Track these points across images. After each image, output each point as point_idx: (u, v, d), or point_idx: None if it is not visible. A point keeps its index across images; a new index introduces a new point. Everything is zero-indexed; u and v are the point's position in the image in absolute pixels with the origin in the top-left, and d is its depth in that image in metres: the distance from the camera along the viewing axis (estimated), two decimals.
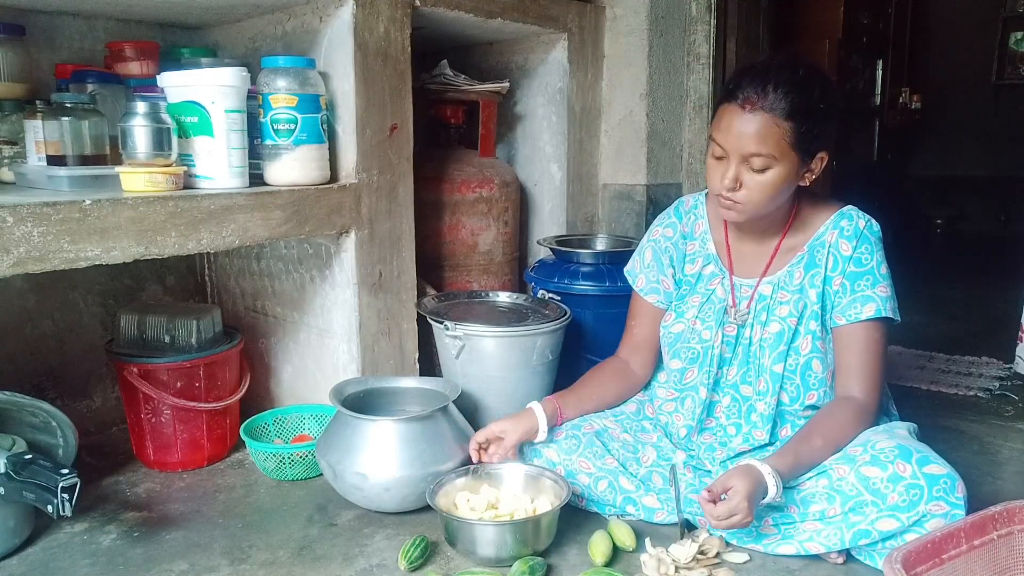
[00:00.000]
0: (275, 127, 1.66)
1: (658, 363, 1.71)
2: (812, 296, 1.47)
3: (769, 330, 1.49)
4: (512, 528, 1.38)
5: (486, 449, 1.55)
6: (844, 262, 1.45)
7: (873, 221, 1.49)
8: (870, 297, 1.43)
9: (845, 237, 1.46)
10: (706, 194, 1.64)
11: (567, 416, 1.59)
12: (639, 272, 1.67)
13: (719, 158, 1.40)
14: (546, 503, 1.46)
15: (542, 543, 1.42)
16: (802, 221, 1.51)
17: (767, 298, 1.51)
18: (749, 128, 1.33)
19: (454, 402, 1.68)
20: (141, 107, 1.47)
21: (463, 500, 1.48)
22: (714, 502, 1.29)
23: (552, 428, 1.57)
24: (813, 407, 1.49)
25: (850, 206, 1.50)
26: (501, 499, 1.49)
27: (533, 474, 1.53)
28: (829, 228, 1.48)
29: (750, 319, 1.52)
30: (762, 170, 1.36)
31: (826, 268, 1.47)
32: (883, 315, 1.43)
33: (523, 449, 1.62)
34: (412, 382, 1.83)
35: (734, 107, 1.36)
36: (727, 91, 1.39)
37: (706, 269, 1.59)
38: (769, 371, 1.48)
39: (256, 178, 1.70)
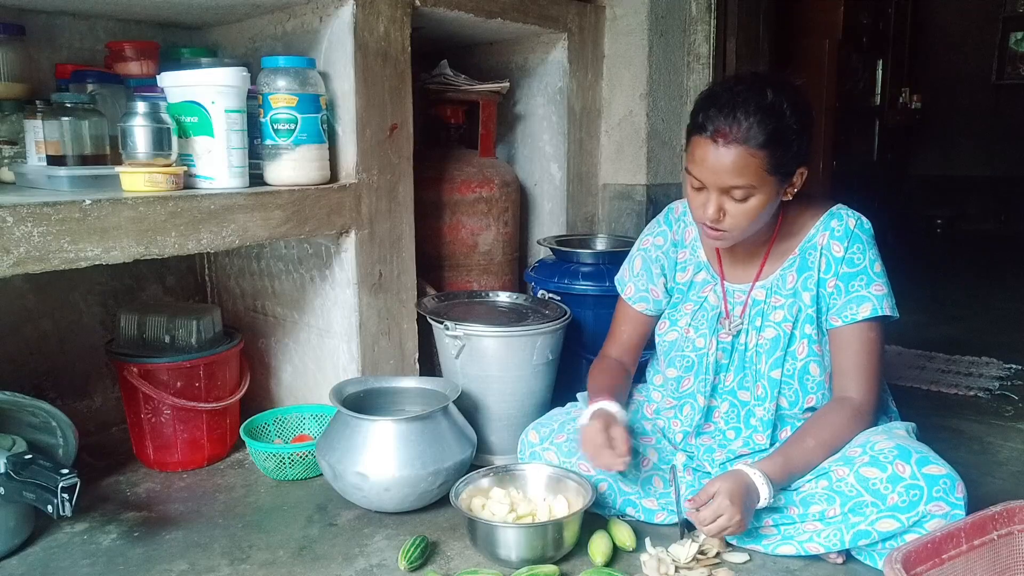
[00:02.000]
0: (275, 127, 1.66)
1: (651, 362, 1.71)
2: (806, 299, 1.46)
3: (765, 336, 1.48)
4: (532, 532, 1.37)
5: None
6: (837, 263, 1.44)
7: (863, 219, 1.47)
8: (865, 297, 1.42)
9: (836, 238, 1.45)
10: None
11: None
12: (628, 281, 1.65)
13: (698, 189, 1.37)
14: (567, 506, 1.45)
15: (564, 548, 1.40)
16: (791, 224, 1.49)
17: (761, 303, 1.50)
18: (724, 161, 1.30)
19: (454, 402, 1.68)
20: (141, 107, 1.47)
21: (478, 504, 1.48)
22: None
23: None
24: (812, 410, 1.48)
25: (839, 205, 1.49)
26: (517, 503, 1.48)
27: (557, 476, 1.53)
28: (820, 230, 1.47)
29: (745, 325, 1.51)
30: (743, 199, 1.34)
31: (819, 270, 1.45)
32: (879, 314, 1.42)
33: (522, 450, 1.62)
34: (412, 382, 1.84)
35: (706, 140, 1.32)
36: (696, 123, 1.34)
37: (698, 276, 1.58)
38: (766, 377, 1.47)
39: (256, 178, 1.70)
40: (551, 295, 2.09)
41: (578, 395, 1.71)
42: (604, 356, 1.68)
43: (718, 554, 1.40)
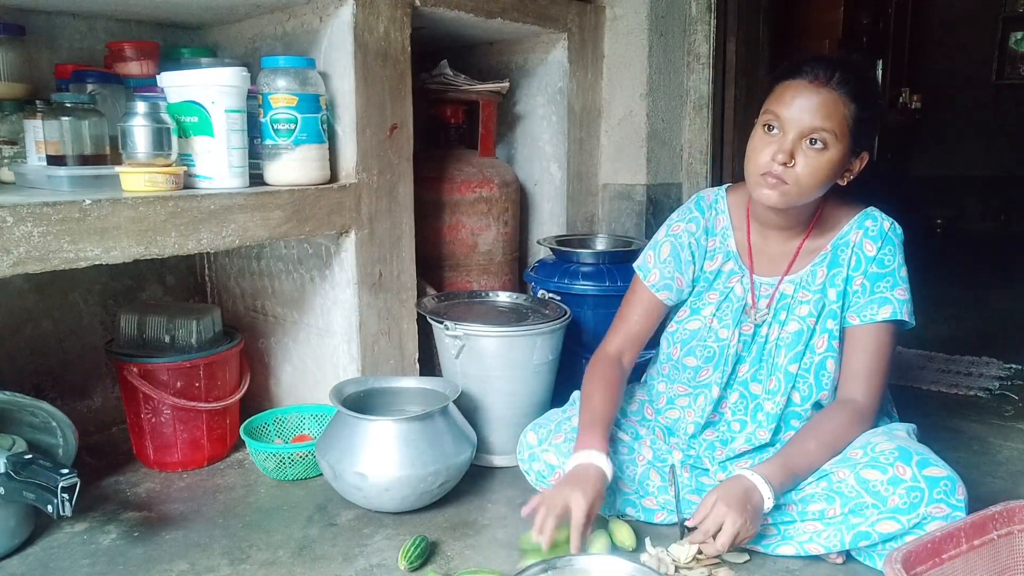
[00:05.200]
0: (275, 127, 1.66)
1: (652, 361, 1.70)
2: (832, 295, 1.46)
3: (787, 329, 1.48)
4: None
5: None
6: (868, 262, 1.45)
7: (896, 223, 1.48)
8: (888, 299, 1.43)
9: (870, 237, 1.45)
10: (727, 189, 1.61)
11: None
12: (653, 267, 1.61)
13: (771, 135, 1.37)
14: None
15: None
16: (826, 221, 1.50)
17: (788, 297, 1.50)
18: (816, 102, 1.33)
19: (454, 402, 1.68)
20: (141, 107, 1.47)
21: None
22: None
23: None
24: (820, 405, 1.48)
25: (872, 207, 1.50)
26: None
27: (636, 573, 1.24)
28: (853, 228, 1.47)
29: (769, 318, 1.51)
30: (819, 149, 1.34)
31: (848, 267, 1.46)
32: (898, 318, 1.42)
33: (521, 451, 1.62)
34: (412, 382, 1.83)
35: (801, 83, 1.35)
36: (791, 70, 1.38)
37: (725, 266, 1.57)
38: (783, 370, 1.47)
39: (256, 178, 1.70)
40: (551, 295, 2.09)
41: (574, 395, 1.70)
42: (604, 356, 1.62)
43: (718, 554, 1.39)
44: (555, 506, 1.29)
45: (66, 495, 1.29)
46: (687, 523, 1.35)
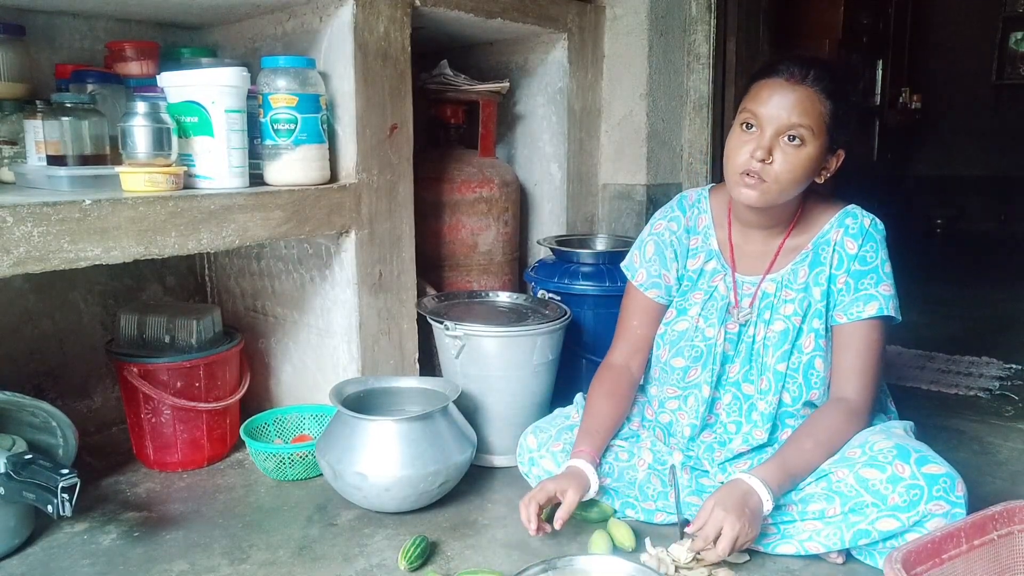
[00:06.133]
0: (275, 127, 1.66)
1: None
2: (816, 294, 1.46)
3: (773, 328, 1.48)
4: None
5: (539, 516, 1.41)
6: (850, 260, 1.45)
7: (877, 220, 1.48)
8: (873, 296, 1.43)
9: (851, 235, 1.46)
10: (710, 189, 1.63)
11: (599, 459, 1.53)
12: (639, 266, 1.62)
13: (749, 133, 1.38)
14: None
15: None
16: (806, 220, 1.50)
17: (770, 296, 1.50)
18: (792, 99, 1.35)
19: (454, 402, 1.68)
20: (141, 107, 1.47)
21: None
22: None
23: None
24: (813, 405, 1.48)
25: (853, 205, 1.50)
26: None
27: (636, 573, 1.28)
28: (834, 226, 1.48)
29: (753, 317, 1.51)
30: (797, 145, 1.36)
31: (831, 266, 1.46)
32: (885, 314, 1.42)
33: (521, 454, 1.62)
34: (412, 382, 1.83)
35: (777, 81, 1.37)
36: (767, 68, 1.41)
37: (708, 265, 1.57)
38: (772, 370, 1.47)
39: (256, 178, 1.70)
40: (551, 295, 2.09)
41: (577, 397, 1.70)
42: (611, 364, 1.63)
43: None
44: (539, 491, 1.40)
45: (66, 495, 1.29)
46: (687, 530, 1.35)
